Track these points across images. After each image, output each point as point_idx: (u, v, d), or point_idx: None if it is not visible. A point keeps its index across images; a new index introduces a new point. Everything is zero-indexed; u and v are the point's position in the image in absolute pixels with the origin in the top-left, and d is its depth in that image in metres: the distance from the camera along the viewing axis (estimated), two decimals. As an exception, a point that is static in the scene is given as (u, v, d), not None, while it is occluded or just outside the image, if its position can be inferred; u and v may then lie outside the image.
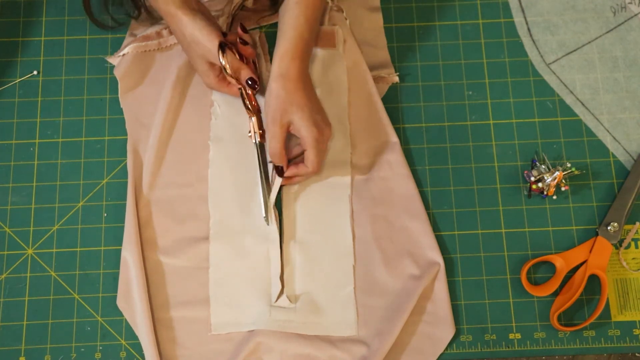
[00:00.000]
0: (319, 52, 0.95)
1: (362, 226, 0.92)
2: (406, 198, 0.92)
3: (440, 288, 0.89)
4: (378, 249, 0.91)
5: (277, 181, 0.90)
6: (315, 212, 0.92)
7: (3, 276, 0.91)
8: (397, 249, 0.91)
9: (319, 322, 0.88)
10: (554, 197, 0.94)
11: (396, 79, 0.98)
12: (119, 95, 0.96)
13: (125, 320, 0.89)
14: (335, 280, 0.90)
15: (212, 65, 0.90)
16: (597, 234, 0.92)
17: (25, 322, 0.89)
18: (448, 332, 0.88)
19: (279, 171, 0.90)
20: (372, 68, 0.98)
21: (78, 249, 0.92)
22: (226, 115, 0.96)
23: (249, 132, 0.92)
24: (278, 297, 0.88)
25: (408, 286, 0.88)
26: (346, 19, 0.98)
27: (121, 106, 0.96)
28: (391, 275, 0.90)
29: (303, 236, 0.91)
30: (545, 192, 0.93)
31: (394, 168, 0.93)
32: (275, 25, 1.00)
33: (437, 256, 0.90)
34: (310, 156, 0.88)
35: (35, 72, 0.98)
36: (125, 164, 0.94)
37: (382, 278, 0.90)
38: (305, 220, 0.92)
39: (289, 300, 0.88)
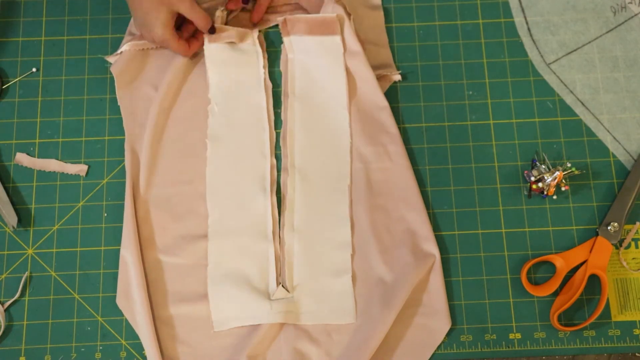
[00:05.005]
0: (319, 39, 0.95)
1: (360, 216, 0.92)
2: (405, 189, 0.92)
3: (436, 280, 0.89)
4: (375, 239, 0.91)
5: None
6: (314, 201, 0.92)
7: (3, 276, 0.91)
8: (394, 239, 0.91)
9: (317, 311, 0.89)
10: (554, 197, 0.94)
11: (398, 77, 0.98)
12: (117, 93, 0.96)
13: (126, 320, 0.89)
14: (334, 268, 0.90)
15: (172, 17, 0.92)
16: (597, 234, 0.92)
17: (25, 322, 0.89)
18: (444, 324, 0.88)
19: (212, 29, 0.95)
20: (373, 67, 0.97)
21: (78, 249, 0.92)
22: (223, 113, 0.95)
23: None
24: (275, 291, 0.89)
25: (404, 276, 0.88)
26: (350, 14, 0.98)
27: (118, 104, 0.96)
28: (387, 264, 0.90)
29: (302, 225, 0.91)
30: (545, 192, 0.93)
31: (393, 159, 0.93)
32: (274, 26, 1.00)
33: (433, 248, 0.90)
34: None
35: (34, 70, 0.98)
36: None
37: (378, 267, 0.90)
38: (304, 209, 0.92)
39: (287, 291, 0.89)
